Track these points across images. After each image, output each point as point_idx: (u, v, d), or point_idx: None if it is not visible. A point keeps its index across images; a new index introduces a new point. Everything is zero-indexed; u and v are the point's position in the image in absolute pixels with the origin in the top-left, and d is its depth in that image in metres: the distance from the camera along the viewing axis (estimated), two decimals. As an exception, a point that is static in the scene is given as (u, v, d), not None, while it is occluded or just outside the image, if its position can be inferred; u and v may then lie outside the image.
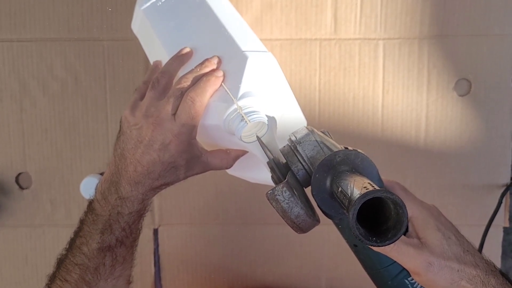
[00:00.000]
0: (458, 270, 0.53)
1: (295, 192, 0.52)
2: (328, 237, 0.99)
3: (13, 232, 1.02)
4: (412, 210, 0.57)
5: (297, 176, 0.56)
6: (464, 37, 0.95)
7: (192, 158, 0.65)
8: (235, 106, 0.61)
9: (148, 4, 0.78)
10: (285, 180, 0.53)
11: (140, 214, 0.66)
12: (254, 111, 0.61)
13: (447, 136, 0.98)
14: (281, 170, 0.58)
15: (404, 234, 0.56)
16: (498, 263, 1.01)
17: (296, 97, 0.72)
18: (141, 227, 0.69)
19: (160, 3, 0.78)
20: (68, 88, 0.98)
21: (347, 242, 0.59)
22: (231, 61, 0.66)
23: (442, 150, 0.98)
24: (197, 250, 1.03)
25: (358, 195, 0.44)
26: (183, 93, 0.62)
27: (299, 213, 0.52)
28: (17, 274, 1.03)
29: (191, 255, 1.03)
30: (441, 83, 0.96)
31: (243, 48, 0.66)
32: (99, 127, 0.99)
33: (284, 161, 0.58)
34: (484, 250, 0.90)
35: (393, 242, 0.45)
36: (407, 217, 0.45)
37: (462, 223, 0.99)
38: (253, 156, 0.66)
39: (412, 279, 0.56)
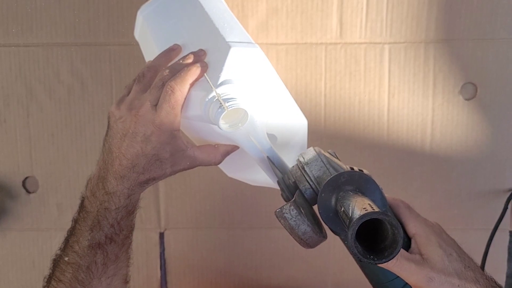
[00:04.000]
0: (458, 286, 0.55)
1: (302, 210, 0.54)
2: (334, 242, 0.99)
3: (20, 236, 1.03)
4: (415, 228, 0.59)
5: (305, 195, 0.58)
6: (470, 41, 0.95)
7: (177, 151, 0.65)
8: (213, 93, 0.61)
9: (148, 10, 0.80)
10: (293, 199, 0.55)
11: (128, 210, 0.66)
12: (232, 98, 0.61)
13: (453, 140, 0.98)
14: (290, 188, 0.60)
15: (407, 251, 0.58)
16: (504, 267, 1.01)
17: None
18: (133, 224, 0.69)
19: (157, 6, 0.79)
20: (75, 93, 0.98)
21: (353, 257, 0.60)
22: (216, 52, 0.67)
23: (448, 155, 0.98)
24: (203, 254, 1.03)
25: (358, 216, 0.47)
26: (164, 83, 0.63)
27: (305, 230, 0.54)
28: (24, 278, 1.04)
29: (197, 259, 1.03)
30: (447, 87, 0.96)
31: (227, 40, 0.67)
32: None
33: (293, 179, 0.60)
34: (490, 254, 0.91)
35: (388, 261, 0.48)
36: (402, 238, 0.48)
37: (468, 227, 1.00)
38: (247, 157, 0.67)
39: None
